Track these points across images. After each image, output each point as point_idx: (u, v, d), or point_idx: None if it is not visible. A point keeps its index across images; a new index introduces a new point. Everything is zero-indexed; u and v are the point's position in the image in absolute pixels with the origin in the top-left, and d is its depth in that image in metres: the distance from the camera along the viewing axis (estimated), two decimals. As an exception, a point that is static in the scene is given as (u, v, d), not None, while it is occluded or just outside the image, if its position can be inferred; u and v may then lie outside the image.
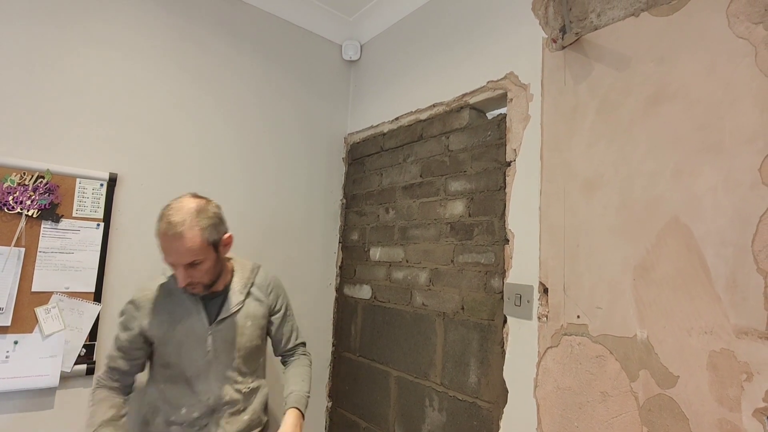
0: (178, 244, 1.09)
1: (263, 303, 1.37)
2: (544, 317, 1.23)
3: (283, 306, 1.44)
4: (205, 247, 1.14)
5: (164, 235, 1.10)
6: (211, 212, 1.17)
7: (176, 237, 1.09)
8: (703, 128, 0.97)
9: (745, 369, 0.86)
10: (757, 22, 0.91)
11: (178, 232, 1.09)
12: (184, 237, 1.09)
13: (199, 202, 1.17)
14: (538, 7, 1.39)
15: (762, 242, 0.86)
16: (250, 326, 1.31)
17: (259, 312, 1.35)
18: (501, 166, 1.43)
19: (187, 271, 1.14)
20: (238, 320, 1.29)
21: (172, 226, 1.09)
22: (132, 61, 1.61)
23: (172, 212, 1.11)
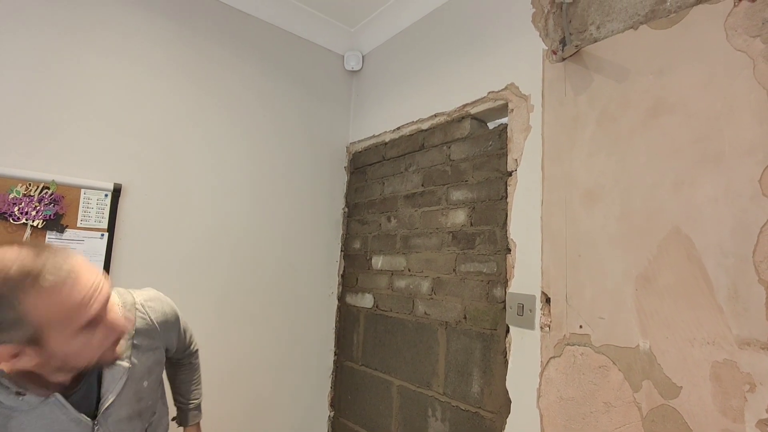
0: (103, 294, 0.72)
1: (158, 347, 0.96)
2: (546, 327, 1.24)
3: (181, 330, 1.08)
4: None
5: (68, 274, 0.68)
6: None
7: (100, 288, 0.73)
8: (703, 140, 0.98)
9: (748, 380, 0.86)
10: (755, 35, 0.93)
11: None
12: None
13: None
14: (538, 19, 1.40)
15: (763, 253, 0.87)
16: (148, 387, 0.92)
17: (157, 360, 0.96)
18: (502, 175, 1.44)
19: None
20: (131, 388, 0.87)
21: (53, 273, 0.67)
22: (137, 71, 1.63)
23: (60, 268, 0.68)
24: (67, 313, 0.67)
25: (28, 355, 0.67)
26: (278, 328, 1.94)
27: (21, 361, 0.67)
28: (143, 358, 0.91)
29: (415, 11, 1.91)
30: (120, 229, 1.56)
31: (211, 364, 1.69)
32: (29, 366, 0.69)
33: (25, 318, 0.64)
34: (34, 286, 0.64)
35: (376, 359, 1.84)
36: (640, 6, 1.14)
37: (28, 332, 0.65)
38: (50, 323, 0.66)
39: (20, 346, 0.65)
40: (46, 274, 0.65)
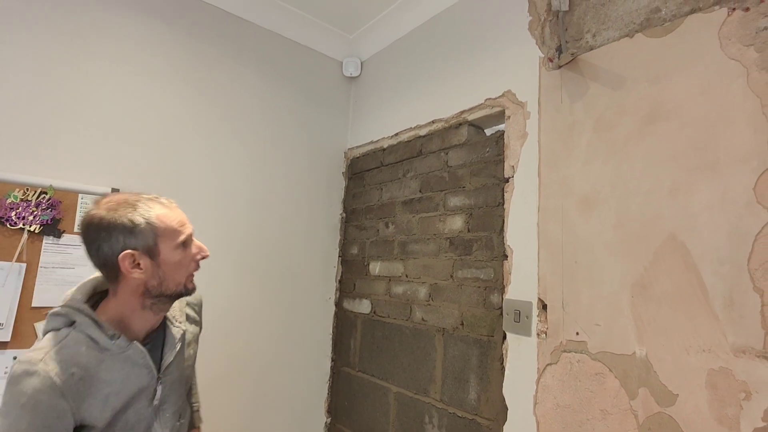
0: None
1: (198, 323, 1.12)
2: (543, 334, 1.23)
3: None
4: None
5: (169, 204, 0.90)
6: None
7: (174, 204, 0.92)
8: (698, 147, 0.99)
9: (744, 388, 0.86)
10: (749, 44, 0.93)
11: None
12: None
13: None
14: (535, 27, 1.41)
15: (758, 261, 0.87)
16: (192, 354, 1.07)
17: (197, 334, 1.11)
18: (499, 182, 1.45)
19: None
20: (180, 353, 1.00)
21: (165, 199, 0.91)
22: (136, 77, 1.64)
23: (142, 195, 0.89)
24: (174, 226, 0.88)
25: (144, 266, 0.84)
26: (276, 334, 1.93)
27: (134, 270, 0.83)
28: (190, 328, 1.06)
29: (413, 19, 1.92)
30: (117, 234, 1.55)
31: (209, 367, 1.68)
32: (136, 277, 0.84)
33: (151, 225, 0.84)
34: (157, 201, 0.89)
35: (373, 365, 1.84)
36: (635, 14, 1.15)
37: (149, 240, 0.83)
38: (164, 233, 0.85)
39: (141, 254, 0.83)
40: (161, 198, 0.91)
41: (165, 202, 0.90)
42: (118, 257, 0.81)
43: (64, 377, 0.77)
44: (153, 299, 0.89)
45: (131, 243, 0.82)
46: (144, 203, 0.86)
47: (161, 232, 0.85)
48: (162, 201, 0.90)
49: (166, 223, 0.86)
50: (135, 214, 0.83)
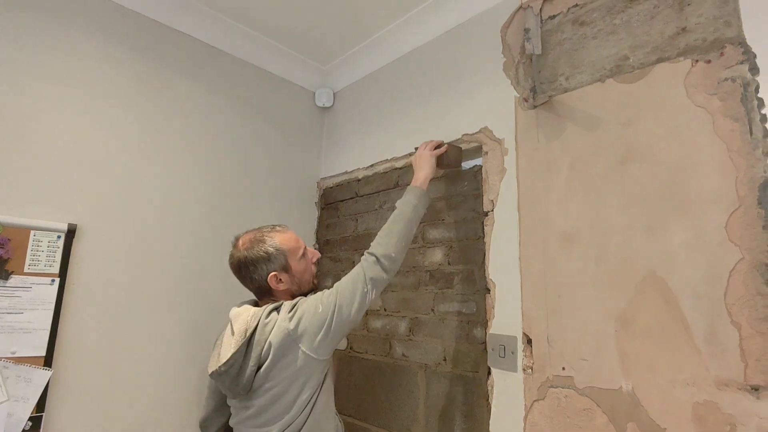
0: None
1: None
2: (529, 369, 1.24)
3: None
4: None
5: (283, 230, 1.28)
6: None
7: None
8: (671, 187, 1.05)
9: (729, 420, 0.89)
10: (713, 93, 1.01)
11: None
12: None
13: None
14: (509, 68, 1.47)
15: (734, 296, 0.92)
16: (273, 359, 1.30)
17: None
18: (479, 215, 1.47)
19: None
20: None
21: (279, 226, 1.30)
22: (96, 104, 1.54)
23: (262, 228, 1.29)
24: (294, 244, 1.25)
25: (283, 279, 1.21)
26: (245, 375, 1.82)
27: (280, 285, 1.21)
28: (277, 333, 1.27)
29: (388, 53, 1.95)
30: (73, 273, 1.43)
31: (174, 413, 1.55)
32: (283, 288, 1.22)
33: (279, 249, 1.21)
34: (274, 230, 1.26)
35: (350, 406, 1.76)
36: (605, 61, 1.23)
37: (282, 260, 1.21)
38: (289, 251, 1.22)
39: (280, 273, 1.20)
40: (276, 226, 1.29)
41: (280, 230, 1.27)
42: (267, 280, 1.19)
43: None
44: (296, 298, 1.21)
45: (272, 267, 1.20)
46: (267, 236, 1.23)
47: (287, 252, 1.21)
48: (278, 229, 1.27)
49: (288, 245, 1.23)
50: (266, 246, 1.20)
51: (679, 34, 1.09)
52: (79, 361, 1.41)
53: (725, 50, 1.01)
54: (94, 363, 1.44)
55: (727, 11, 1.02)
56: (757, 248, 0.91)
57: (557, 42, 1.35)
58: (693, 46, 1.06)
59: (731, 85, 0.99)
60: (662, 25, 1.12)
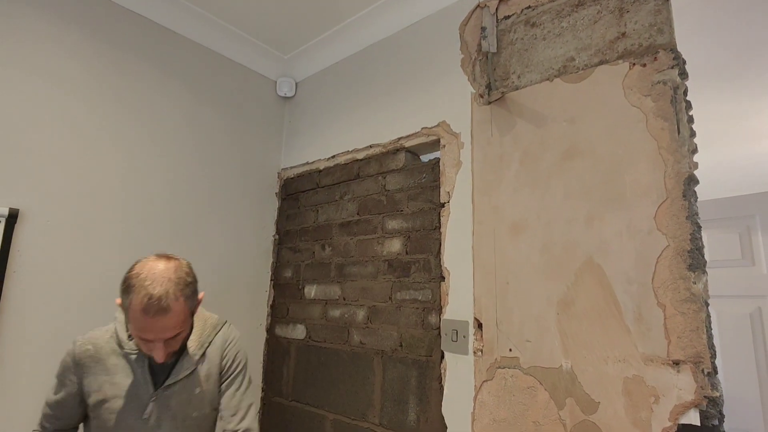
0: (163, 321, 0.93)
1: (216, 366, 1.15)
2: (479, 351, 1.30)
3: (235, 373, 1.18)
4: (188, 317, 1.00)
5: (145, 311, 0.91)
6: (190, 276, 1.01)
7: (161, 312, 0.92)
8: (608, 181, 1.13)
9: (653, 392, 0.98)
10: (647, 94, 1.10)
11: (164, 306, 0.92)
12: (171, 311, 0.93)
13: (173, 265, 0.99)
14: (467, 65, 1.53)
15: (660, 280, 1.01)
16: (198, 394, 1.11)
17: (212, 378, 1.14)
18: (436, 206, 1.52)
19: (166, 345, 0.98)
20: (187, 386, 1.09)
21: (155, 300, 0.91)
22: (44, 84, 1.47)
23: (148, 282, 0.93)
24: (134, 322, 0.95)
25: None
26: (201, 366, 1.79)
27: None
28: (205, 368, 1.13)
29: (350, 45, 1.97)
30: (15, 260, 1.36)
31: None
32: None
33: (125, 308, 0.95)
34: (142, 290, 0.93)
35: (308, 393, 1.78)
36: (553, 61, 1.30)
37: (126, 313, 0.96)
38: (130, 318, 0.95)
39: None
40: (151, 287, 0.94)
41: (146, 305, 0.92)
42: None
43: (81, 349, 1.05)
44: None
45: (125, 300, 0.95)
46: (133, 290, 0.93)
47: (129, 317, 0.95)
48: (142, 299, 0.92)
49: (131, 318, 0.94)
50: (124, 294, 0.95)
51: (618, 39, 1.17)
52: (21, 350, 1.35)
53: (658, 55, 1.10)
54: (37, 351, 1.38)
55: (661, 19, 1.11)
56: (681, 236, 1.00)
57: (510, 41, 1.41)
58: (630, 51, 1.15)
59: (663, 87, 1.08)
60: (604, 29, 1.20)
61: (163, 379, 1.07)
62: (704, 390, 0.92)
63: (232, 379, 1.17)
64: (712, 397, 0.92)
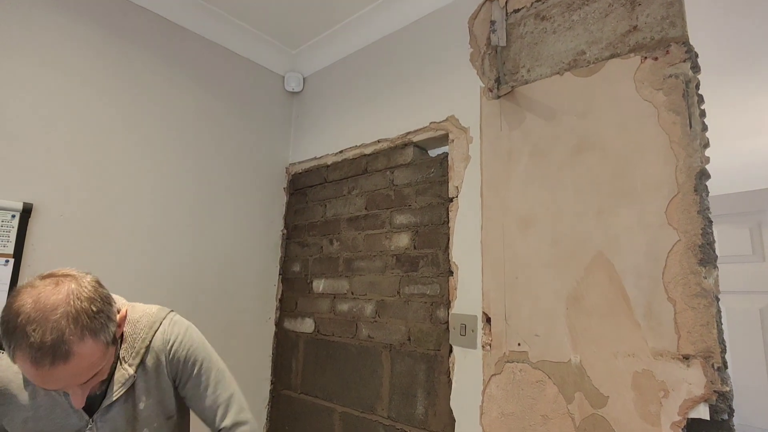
0: (66, 369, 0.71)
1: (163, 372, 0.95)
2: (487, 346, 1.31)
3: (196, 371, 0.97)
4: (105, 351, 0.78)
5: (37, 365, 0.68)
6: (95, 302, 0.76)
7: (59, 361, 0.69)
8: (619, 176, 1.13)
9: (663, 387, 0.98)
10: (658, 88, 1.09)
11: (62, 354, 0.69)
12: (74, 357, 0.70)
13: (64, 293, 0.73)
14: (476, 59, 1.52)
15: (670, 275, 1.01)
16: (144, 408, 0.92)
17: (162, 385, 0.95)
18: (444, 201, 1.52)
19: (83, 388, 0.78)
20: (129, 402, 0.90)
21: (48, 349, 0.68)
22: (57, 79, 1.49)
23: (33, 327, 0.68)
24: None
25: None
26: (211, 358, 1.82)
27: None
28: (147, 376, 0.92)
29: (358, 40, 1.96)
30: (29, 254, 1.38)
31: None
32: None
33: (12, 357, 0.71)
34: (24, 346, 0.70)
35: (316, 386, 1.80)
36: (564, 55, 1.29)
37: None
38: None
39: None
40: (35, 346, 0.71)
41: (34, 358, 0.68)
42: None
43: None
44: None
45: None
46: (14, 338, 0.69)
47: (20, 369, 0.75)
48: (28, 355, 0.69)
49: (24, 372, 0.72)
50: (5, 340, 0.70)
51: (630, 32, 1.16)
52: (36, 344, 1.37)
53: (670, 48, 1.09)
54: (52, 346, 1.41)
55: (673, 12, 1.10)
56: (692, 231, 1.00)
57: (520, 35, 1.40)
58: (642, 44, 1.14)
59: (675, 81, 1.07)
60: (615, 22, 1.19)
61: (98, 402, 0.87)
62: (714, 384, 0.92)
63: (195, 381, 0.97)
64: (722, 391, 0.92)
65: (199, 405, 0.97)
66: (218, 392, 0.98)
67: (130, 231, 1.62)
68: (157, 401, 0.94)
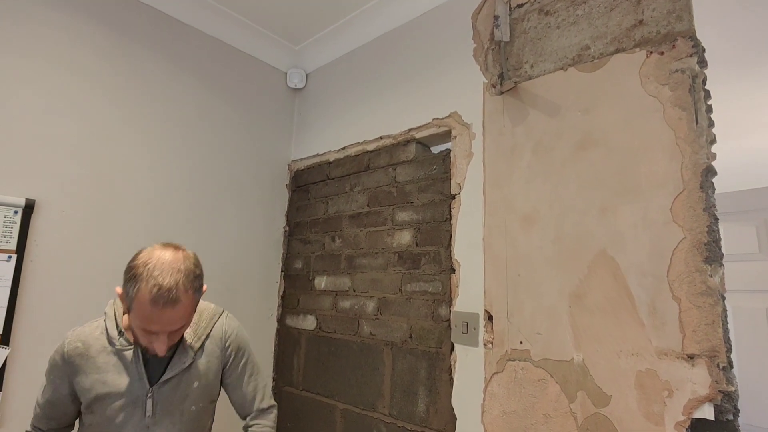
0: (171, 313, 0.88)
1: (217, 359, 1.11)
2: (489, 344, 1.30)
3: (243, 362, 1.15)
4: (194, 310, 0.96)
5: (153, 301, 0.86)
6: (198, 268, 0.97)
7: (170, 304, 0.87)
8: (623, 172, 1.11)
9: (667, 386, 0.97)
10: (664, 83, 1.07)
11: (173, 298, 0.87)
12: (180, 303, 0.89)
13: (181, 256, 0.94)
14: (479, 54, 1.51)
15: (675, 273, 0.99)
16: (197, 388, 1.06)
17: (211, 371, 1.09)
18: (446, 198, 1.51)
19: (168, 337, 0.93)
20: (185, 380, 1.04)
21: (165, 291, 0.87)
22: (58, 77, 1.49)
23: (158, 272, 0.88)
24: (141, 315, 0.89)
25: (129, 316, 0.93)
26: (213, 355, 1.82)
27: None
28: (204, 361, 1.08)
29: (360, 36, 1.95)
30: (32, 250, 1.39)
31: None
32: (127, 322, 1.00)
33: (131, 297, 0.88)
34: (151, 278, 0.88)
35: (318, 383, 1.80)
36: (568, 50, 1.28)
37: (130, 303, 0.90)
38: (135, 309, 0.89)
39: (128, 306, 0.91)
40: (159, 276, 0.89)
41: (155, 295, 0.87)
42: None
43: (71, 347, 0.98)
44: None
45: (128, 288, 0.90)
46: (140, 279, 0.88)
47: (134, 307, 0.89)
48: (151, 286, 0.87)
49: (137, 309, 0.89)
50: (129, 283, 0.89)
51: (635, 27, 1.15)
52: (38, 339, 1.38)
53: (677, 43, 1.07)
54: (54, 341, 1.41)
55: (680, 6, 1.08)
56: (698, 228, 0.98)
57: (523, 30, 1.39)
58: (648, 39, 1.12)
59: (681, 76, 1.06)
60: (620, 17, 1.17)
61: (159, 374, 1.01)
62: (719, 384, 0.91)
63: (242, 369, 1.14)
64: (727, 391, 0.90)
65: (239, 390, 1.14)
66: (257, 381, 1.17)
67: (132, 227, 1.63)
68: (206, 384, 1.08)
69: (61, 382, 0.99)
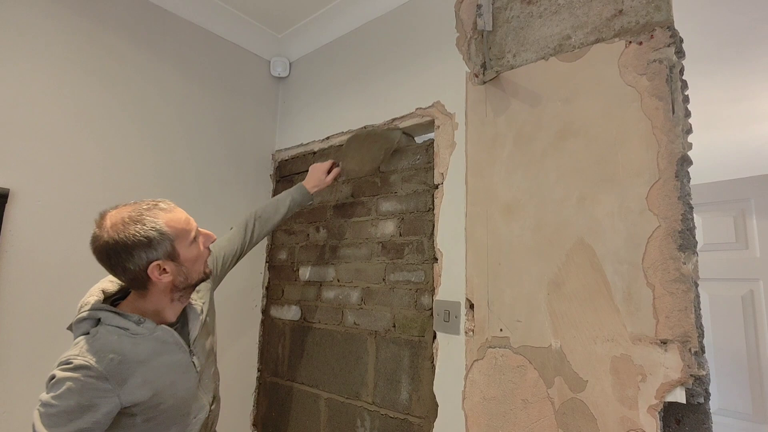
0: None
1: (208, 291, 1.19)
2: (470, 332, 1.31)
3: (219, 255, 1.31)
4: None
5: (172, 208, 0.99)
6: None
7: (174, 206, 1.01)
8: (601, 162, 1.12)
9: (640, 371, 0.99)
10: (642, 73, 1.08)
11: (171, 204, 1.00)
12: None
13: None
14: (462, 43, 1.50)
15: (650, 260, 1.01)
16: (211, 343, 1.15)
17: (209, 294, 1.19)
18: (429, 188, 1.51)
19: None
20: (203, 338, 1.10)
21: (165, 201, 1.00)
22: (32, 62, 1.45)
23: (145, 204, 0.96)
24: (183, 226, 0.97)
25: (170, 270, 0.95)
26: (196, 346, 1.81)
27: (164, 276, 0.94)
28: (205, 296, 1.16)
29: (344, 24, 1.93)
30: (6, 240, 1.36)
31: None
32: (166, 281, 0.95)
33: (164, 234, 0.93)
34: (157, 207, 0.95)
35: (303, 373, 1.80)
36: (549, 40, 1.28)
37: (167, 247, 0.93)
38: (177, 235, 0.95)
39: (165, 261, 0.93)
40: (160, 203, 0.98)
41: (165, 207, 0.97)
42: (146, 271, 0.92)
43: (104, 363, 0.87)
44: (181, 292, 1.01)
45: (153, 255, 0.92)
46: (147, 214, 0.93)
47: (174, 236, 0.95)
48: (162, 206, 0.96)
49: (175, 227, 0.95)
50: (147, 229, 0.91)
51: (615, 16, 1.15)
52: (14, 331, 1.35)
53: (655, 33, 1.08)
54: (30, 334, 1.39)
55: (658, -4, 1.09)
56: (672, 217, 1.00)
57: (506, 19, 1.39)
58: (627, 29, 1.13)
59: (659, 66, 1.07)
60: (601, 6, 1.18)
61: (186, 333, 1.05)
62: (691, 369, 0.93)
63: (220, 256, 1.30)
64: (699, 375, 0.93)
65: (228, 246, 1.34)
66: (228, 234, 1.39)
67: (112, 217, 1.60)
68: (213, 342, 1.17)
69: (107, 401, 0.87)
